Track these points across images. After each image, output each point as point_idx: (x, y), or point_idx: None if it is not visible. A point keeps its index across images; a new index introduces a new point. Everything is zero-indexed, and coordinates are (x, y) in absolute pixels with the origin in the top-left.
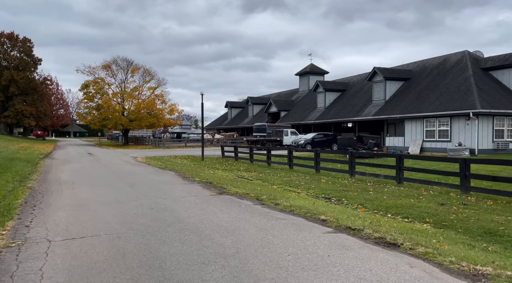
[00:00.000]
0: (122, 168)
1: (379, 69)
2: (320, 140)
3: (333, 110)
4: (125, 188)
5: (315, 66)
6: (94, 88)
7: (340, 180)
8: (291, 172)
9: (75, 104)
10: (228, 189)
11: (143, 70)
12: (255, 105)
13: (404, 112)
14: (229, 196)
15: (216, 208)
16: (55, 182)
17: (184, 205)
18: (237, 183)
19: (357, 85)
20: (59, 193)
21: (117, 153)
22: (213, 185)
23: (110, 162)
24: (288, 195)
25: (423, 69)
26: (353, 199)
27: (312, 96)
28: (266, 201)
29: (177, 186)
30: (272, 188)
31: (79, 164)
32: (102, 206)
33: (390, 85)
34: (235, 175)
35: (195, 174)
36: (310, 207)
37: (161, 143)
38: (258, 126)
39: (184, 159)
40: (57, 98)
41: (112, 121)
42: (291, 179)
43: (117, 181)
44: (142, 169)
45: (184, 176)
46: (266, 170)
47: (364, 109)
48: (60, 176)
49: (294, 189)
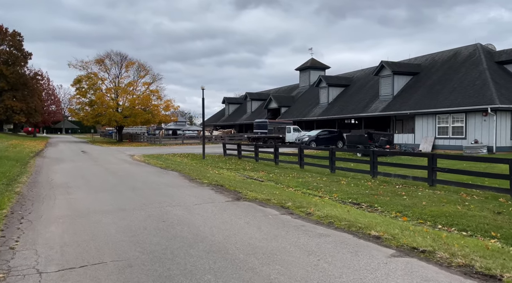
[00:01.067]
0: (120, 167)
1: (387, 63)
2: (325, 137)
3: (336, 106)
4: (127, 193)
5: (316, 61)
6: (87, 83)
7: (362, 181)
8: (303, 172)
9: (67, 100)
10: (244, 194)
11: (138, 65)
12: (253, 101)
13: (414, 108)
14: (248, 203)
15: (240, 219)
16: (47, 185)
17: (200, 215)
18: (250, 185)
19: (361, 80)
20: (51, 199)
21: (112, 151)
22: (225, 188)
23: (106, 161)
24: (313, 201)
25: (432, 63)
26: (387, 205)
27: (313, 91)
28: (293, 210)
29: (185, 189)
30: (290, 192)
31: (72, 164)
32: (104, 217)
33: (398, 79)
34: (243, 175)
35: (201, 174)
36: (349, 218)
37: (157, 140)
38: (259, 122)
39: (184, 158)
40: (48, 93)
41: (106, 117)
42: (307, 181)
43: (117, 183)
44: (142, 169)
45: (190, 178)
46: (275, 170)
47: (371, 105)
48: (52, 177)
49: (315, 192)
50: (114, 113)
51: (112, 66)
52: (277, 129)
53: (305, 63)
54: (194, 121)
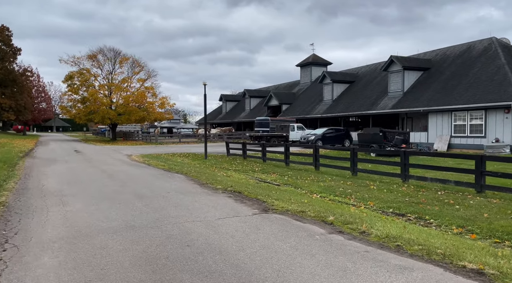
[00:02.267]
0: (119, 170)
1: (397, 58)
2: (331, 136)
3: (342, 103)
4: (134, 202)
5: (317, 57)
6: (79, 79)
7: (395, 186)
8: (320, 175)
9: (57, 98)
10: (269, 203)
11: (132, 61)
12: (252, 98)
13: (428, 105)
14: (280, 217)
15: (283, 242)
16: (37, 193)
17: (231, 236)
18: (271, 192)
19: (367, 76)
20: (43, 212)
21: (107, 150)
22: (244, 195)
23: (102, 161)
24: (353, 212)
25: (444, 58)
26: (440, 216)
27: (315, 88)
28: (340, 226)
29: (199, 197)
30: (318, 200)
31: (66, 165)
32: (111, 239)
33: (409, 75)
34: (254, 178)
35: (211, 178)
36: (416, 238)
37: (153, 138)
38: (261, 120)
39: (184, 158)
40: (38, 90)
41: (99, 115)
42: (330, 185)
43: (119, 190)
44: (143, 172)
45: (200, 182)
46: (287, 172)
47: (379, 102)
48: (44, 183)
49: (345, 200)
50: (108, 111)
51: (105, 62)
52: (280, 127)
53: (306, 59)
54: (188, 119)
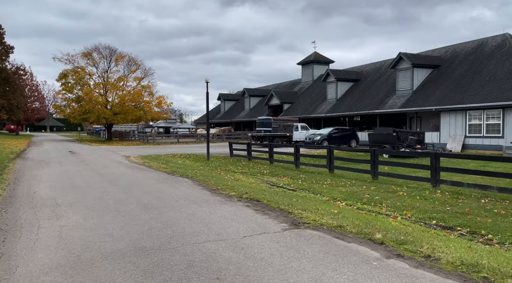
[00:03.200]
0: (119, 173)
1: (406, 54)
2: (337, 136)
3: (346, 102)
4: (140, 214)
5: (319, 55)
6: (74, 78)
7: (426, 192)
8: (337, 178)
9: (51, 97)
10: (296, 215)
11: (128, 59)
12: (252, 97)
13: (440, 104)
14: (316, 233)
15: (337, 272)
16: (27, 202)
17: (269, 264)
18: (291, 199)
19: (371, 75)
20: (34, 228)
21: (104, 151)
22: (264, 204)
23: (100, 164)
24: (397, 226)
25: (454, 55)
26: (498, 231)
27: (318, 87)
28: (394, 247)
29: (214, 207)
30: (348, 209)
31: (60, 168)
32: (119, 270)
33: (418, 73)
34: (265, 182)
35: (220, 182)
36: (499, 266)
37: (150, 139)
38: (263, 120)
39: (185, 159)
40: (31, 90)
41: (94, 114)
42: (352, 191)
43: (121, 198)
44: (145, 175)
45: (210, 187)
46: (299, 175)
47: (387, 101)
48: (35, 189)
49: (375, 208)
50: (104, 110)
51: (101, 60)
52: (282, 127)
53: (308, 57)
54: (184, 119)
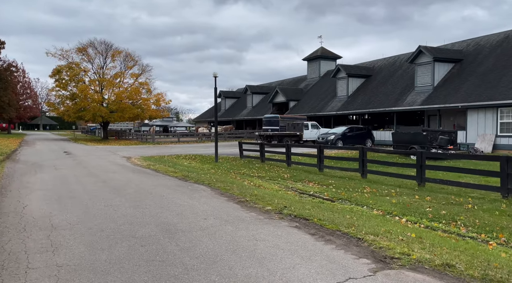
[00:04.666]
0: (123, 179)
1: (426, 48)
2: (352, 135)
3: (359, 99)
4: (164, 243)
5: (326, 50)
6: (68, 74)
7: (502, 205)
8: (375, 185)
9: (44, 95)
10: (370, 243)
11: (125, 54)
12: (254, 94)
13: (466, 100)
14: (421, 277)
15: None
16: (14, 223)
17: None
18: (343, 215)
19: (384, 70)
20: (19, 271)
21: (102, 152)
22: (317, 224)
23: (100, 167)
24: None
25: (478, 49)
26: None
27: (325, 83)
28: None
29: (256, 230)
30: (419, 229)
31: (55, 172)
32: None
33: (439, 67)
34: (290, 189)
35: (245, 191)
36: None
37: (149, 138)
38: (269, 118)
39: (191, 160)
40: (24, 87)
41: (90, 112)
42: (405, 201)
43: (134, 215)
44: (155, 182)
45: (236, 198)
46: (328, 180)
47: (405, 98)
48: (26, 202)
49: (448, 227)
50: (99, 108)
51: (96, 56)
52: (291, 126)
53: (314, 52)
54: (181, 117)
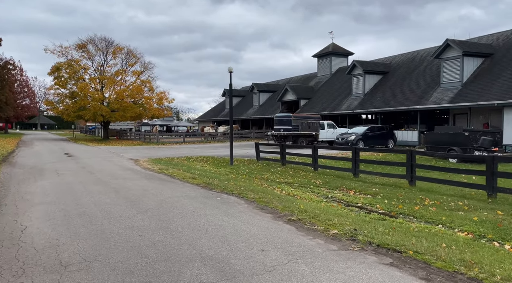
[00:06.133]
0: (137, 187)
1: (454, 41)
2: (374, 135)
3: (377, 97)
4: None
5: (337, 46)
6: (67, 71)
7: None
8: (432, 195)
9: (42, 94)
10: None
11: (127, 51)
12: (261, 93)
13: (504, 98)
14: None
15: None
16: (10, 257)
17: None
18: (435, 242)
19: (403, 67)
20: None
21: (105, 153)
22: (420, 261)
23: (107, 172)
24: None
25: (509, 43)
26: None
27: (337, 80)
28: None
29: (343, 274)
30: None
31: (58, 179)
32: None
33: (468, 62)
34: (334, 200)
35: (289, 205)
36: None
37: (153, 138)
38: (281, 117)
39: (204, 163)
40: (21, 85)
41: (90, 111)
42: (488, 219)
43: (165, 241)
44: (175, 191)
45: (284, 215)
46: (371, 188)
47: (430, 95)
48: (24, 223)
49: None
50: (100, 107)
51: (97, 52)
52: (306, 125)
53: (325, 48)
54: (181, 116)
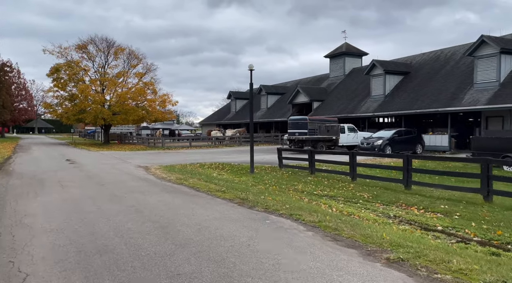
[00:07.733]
0: (161, 205)
1: (490, 38)
2: (401, 140)
3: (399, 99)
4: None
5: (351, 46)
6: (67, 73)
7: None
8: None
9: (39, 97)
10: None
11: (129, 52)
12: (269, 95)
13: None
14: None
15: None
16: None
17: None
18: None
19: (426, 66)
20: None
21: (109, 159)
22: None
23: (119, 183)
24: None
25: None
26: None
27: (352, 82)
28: None
29: None
30: None
31: (63, 194)
32: None
33: (506, 61)
34: (400, 220)
35: (368, 234)
36: None
37: (158, 142)
38: (297, 120)
39: (221, 171)
40: (18, 88)
41: (90, 114)
42: None
43: None
44: (210, 212)
45: (374, 251)
46: (432, 203)
47: (462, 96)
48: (23, 268)
49: None
50: (101, 109)
51: (98, 53)
52: (324, 129)
53: (339, 48)
54: (181, 120)
